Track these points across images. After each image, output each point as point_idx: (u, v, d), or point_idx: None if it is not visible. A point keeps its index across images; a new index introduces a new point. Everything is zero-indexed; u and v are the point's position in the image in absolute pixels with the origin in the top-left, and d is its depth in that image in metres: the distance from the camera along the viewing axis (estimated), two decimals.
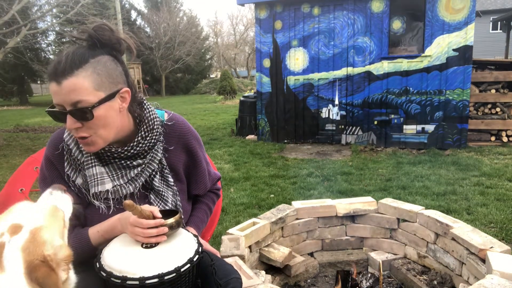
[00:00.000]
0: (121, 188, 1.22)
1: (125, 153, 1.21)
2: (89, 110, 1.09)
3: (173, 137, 1.33)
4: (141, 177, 1.25)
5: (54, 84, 1.07)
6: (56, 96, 1.08)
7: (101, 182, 1.20)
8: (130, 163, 1.23)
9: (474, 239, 1.90)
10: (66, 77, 1.06)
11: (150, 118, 1.26)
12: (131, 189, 1.24)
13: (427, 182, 4.43)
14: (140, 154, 1.24)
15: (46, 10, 12.29)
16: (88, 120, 1.10)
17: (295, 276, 2.32)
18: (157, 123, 1.28)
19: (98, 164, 1.21)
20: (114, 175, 1.22)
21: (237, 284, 1.24)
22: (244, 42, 41.41)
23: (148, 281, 1.02)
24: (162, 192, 1.29)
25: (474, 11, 5.94)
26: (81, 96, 1.07)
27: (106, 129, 1.15)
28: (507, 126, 6.43)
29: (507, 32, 13.59)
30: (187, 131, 1.37)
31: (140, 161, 1.24)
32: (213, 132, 9.03)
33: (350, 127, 6.91)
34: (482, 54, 18.52)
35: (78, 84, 1.07)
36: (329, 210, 2.54)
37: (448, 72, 6.16)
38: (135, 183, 1.25)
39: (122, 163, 1.22)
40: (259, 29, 7.28)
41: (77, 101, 1.07)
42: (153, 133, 1.25)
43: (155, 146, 1.27)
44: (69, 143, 1.23)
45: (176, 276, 1.06)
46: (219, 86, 19.80)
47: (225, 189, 4.48)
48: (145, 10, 30.23)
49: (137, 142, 1.22)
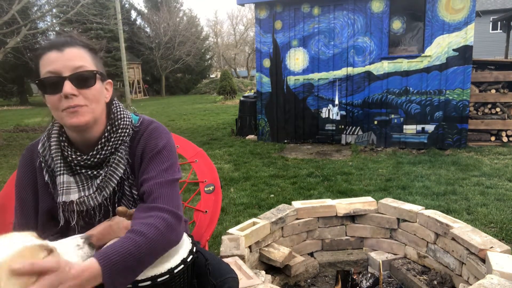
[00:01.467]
0: (88, 199, 1.16)
1: (92, 159, 1.15)
2: (94, 74, 1.09)
3: (137, 139, 1.22)
4: (109, 185, 1.17)
5: (54, 52, 1.06)
6: (55, 62, 1.06)
7: (66, 192, 1.15)
8: (97, 173, 1.16)
9: (474, 239, 1.90)
10: (68, 46, 1.08)
11: (118, 117, 1.20)
12: (99, 199, 1.16)
13: (427, 182, 4.43)
14: (105, 160, 1.17)
15: (46, 10, 12.29)
16: (88, 87, 1.09)
17: (295, 276, 2.32)
18: (125, 122, 1.20)
19: (67, 173, 1.16)
20: (80, 186, 1.17)
21: (234, 283, 1.24)
22: (244, 42, 41.42)
23: (141, 284, 1.02)
24: (132, 205, 1.21)
25: (474, 11, 5.94)
26: (84, 62, 1.09)
27: (98, 105, 1.13)
28: (507, 126, 6.43)
29: (507, 32, 13.59)
30: (151, 130, 1.22)
31: (105, 169, 1.17)
32: (213, 132, 9.04)
33: (350, 127, 6.91)
34: (482, 54, 18.52)
35: (81, 53, 1.09)
36: (329, 210, 2.54)
37: (448, 72, 6.16)
38: (101, 193, 1.17)
39: (89, 173, 1.17)
40: (259, 29, 7.28)
41: (80, 66, 1.07)
42: (118, 134, 1.18)
43: (119, 148, 1.18)
44: (45, 154, 1.20)
45: (169, 278, 1.05)
46: (219, 86, 19.81)
47: (225, 189, 4.48)
48: (145, 10, 30.25)
49: (101, 145, 1.15)
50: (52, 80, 1.06)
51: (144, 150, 1.19)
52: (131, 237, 0.97)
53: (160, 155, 1.18)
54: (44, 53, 1.08)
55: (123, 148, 1.19)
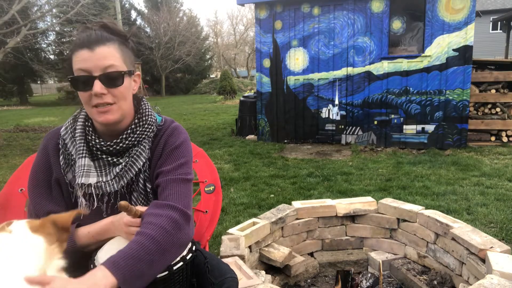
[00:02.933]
0: (105, 184, 1.20)
1: (114, 146, 1.19)
2: (122, 75, 1.15)
3: (159, 137, 1.28)
4: (127, 175, 1.21)
5: (85, 50, 1.11)
6: (86, 61, 1.11)
7: (86, 175, 1.18)
8: (117, 160, 1.21)
9: (474, 239, 1.90)
10: (99, 44, 1.12)
11: (146, 113, 1.27)
12: (115, 186, 1.20)
13: (427, 182, 4.43)
14: (127, 150, 1.22)
15: (46, 10, 12.29)
16: (116, 86, 1.14)
17: (295, 276, 2.32)
18: (151, 119, 1.27)
19: (88, 157, 1.20)
20: (100, 171, 1.21)
21: (233, 283, 1.24)
22: (244, 42, 41.43)
23: None
24: (142, 198, 1.24)
25: (474, 11, 5.94)
26: (113, 62, 1.13)
27: (126, 102, 1.19)
28: (507, 126, 6.43)
29: (507, 32, 13.59)
30: (169, 134, 1.28)
31: (126, 158, 1.22)
32: (213, 132, 9.04)
33: (350, 127, 6.91)
34: (482, 54, 18.51)
35: (111, 52, 1.14)
36: (329, 210, 2.54)
37: (448, 72, 6.16)
38: (119, 181, 1.21)
39: (109, 159, 1.21)
40: (259, 29, 7.28)
41: (109, 65, 1.12)
42: (144, 127, 1.24)
43: (143, 141, 1.24)
44: (65, 138, 1.24)
45: (168, 275, 1.06)
46: (219, 86, 19.81)
47: (225, 189, 4.48)
48: (145, 10, 30.25)
49: (126, 135, 1.20)
50: (83, 78, 1.12)
51: (164, 145, 1.26)
52: (141, 241, 1.01)
53: (177, 150, 1.25)
54: (76, 50, 1.13)
55: (146, 142, 1.24)
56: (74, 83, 1.14)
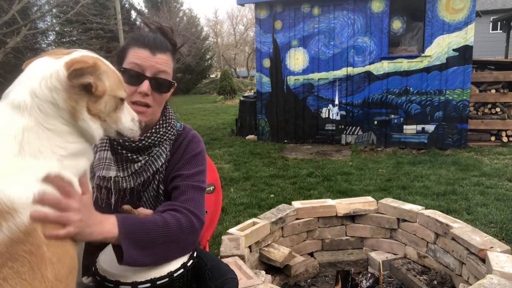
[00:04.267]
0: (122, 180, 1.22)
1: (137, 143, 1.22)
2: (172, 84, 1.24)
3: (178, 142, 1.33)
4: (144, 173, 1.23)
5: (147, 51, 1.18)
6: (144, 60, 1.17)
7: (107, 168, 1.20)
8: (136, 158, 1.23)
9: (474, 239, 1.90)
10: (160, 51, 1.19)
11: (169, 116, 1.33)
12: (131, 183, 1.22)
13: (427, 182, 4.43)
14: (148, 149, 1.25)
15: (46, 10, 12.29)
16: (162, 93, 1.21)
17: (295, 276, 2.32)
18: (174, 122, 1.33)
19: (110, 150, 1.23)
20: (118, 166, 1.23)
21: (233, 284, 1.24)
22: (244, 42, 41.42)
23: (140, 286, 1.02)
24: (151, 199, 1.26)
25: (474, 11, 5.94)
26: (167, 69, 1.21)
27: (160, 108, 1.26)
28: (507, 126, 6.42)
29: (507, 32, 13.58)
30: (193, 135, 1.37)
31: (145, 157, 1.24)
32: (213, 132, 9.03)
33: (350, 127, 6.91)
34: (482, 54, 18.51)
35: (167, 61, 1.22)
36: (329, 210, 2.54)
37: (448, 72, 6.16)
38: (136, 179, 1.23)
39: (128, 156, 1.23)
40: (259, 29, 7.28)
41: (163, 71, 1.20)
42: (167, 129, 1.29)
43: (164, 142, 1.27)
44: None
45: (168, 281, 1.05)
46: (219, 86, 19.82)
47: (225, 189, 4.48)
48: (145, 10, 30.25)
49: (150, 134, 1.24)
50: (136, 74, 1.17)
51: (185, 150, 1.31)
52: (157, 220, 1.07)
53: (197, 157, 1.31)
54: (137, 46, 1.19)
55: (167, 143, 1.29)
56: (124, 74, 1.15)
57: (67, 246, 0.82)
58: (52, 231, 0.78)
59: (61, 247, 0.79)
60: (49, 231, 0.78)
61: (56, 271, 0.76)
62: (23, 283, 0.70)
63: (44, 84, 0.83)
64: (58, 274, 0.76)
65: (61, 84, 0.83)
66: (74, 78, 0.83)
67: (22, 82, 0.85)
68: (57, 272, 0.76)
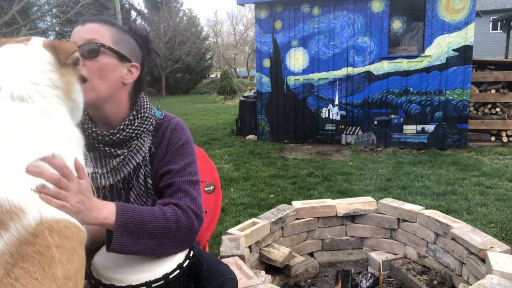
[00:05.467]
0: (100, 177, 1.17)
1: (111, 137, 1.17)
2: (98, 46, 1.10)
3: (160, 132, 1.25)
4: (124, 169, 1.18)
5: (78, 26, 1.15)
6: (74, 35, 1.13)
7: None
8: (114, 151, 1.18)
9: (474, 239, 1.90)
10: (92, 22, 1.15)
11: (144, 106, 1.24)
12: (111, 180, 1.17)
13: (427, 182, 4.43)
14: (125, 142, 1.19)
15: (46, 10, 12.29)
16: (91, 58, 1.10)
17: (295, 276, 2.32)
18: (149, 112, 1.24)
19: (84, 146, 1.19)
20: (96, 163, 1.18)
21: (232, 284, 1.22)
22: (244, 42, 41.42)
23: None
24: (142, 195, 1.22)
25: (474, 11, 5.94)
26: (97, 37, 1.12)
27: (103, 82, 1.13)
28: (507, 126, 6.42)
29: (507, 32, 13.59)
30: (172, 129, 1.26)
31: (124, 151, 1.19)
32: (213, 132, 9.03)
33: (350, 127, 6.91)
34: (482, 54, 18.51)
35: (99, 29, 1.14)
36: (329, 210, 2.54)
37: (448, 72, 6.16)
38: (116, 175, 1.18)
39: (106, 150, 1.18)
40: (259, 29, 7.28)
41: (92, 39, 1.11)
42: (143, 120, 1.21)
43: (142, 135, 1.21)
44: None
45: (164, 284, 1.04)
46: (219, 86, 19.82)
47: (225, 189, 4.48)
48: (145, 10, 30.24)
49: (124, 126, 1.18)
50: None
51: (169, 142, 1.23)
52: (156, 212, 1.06)
53: (183, 148, 1.23)
54: (74, 27, 1.17)
55: (146, 136, 1.21)
56: None
57: (76, 246, 0.83)
58: (47, 196, 0.80)
59: (70, 248, 0.80)
60: (44, 195, 0.79)
61: (66, 270, 0.77)
62: (35, 282, 0.71)
63: (38, 69, 0.86)
64: (68, 273, 0.77)
65: (52, 65, 0.88)
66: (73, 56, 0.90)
67: (5, 73, 0.84)
68: (67, 271, 0.77)
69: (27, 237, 0.72)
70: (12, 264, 0.70)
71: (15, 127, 0.79)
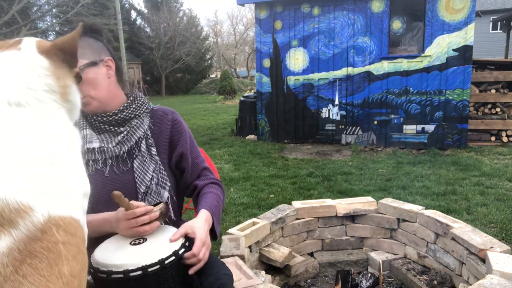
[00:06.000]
0: (107, 149, 1.31)
1: (113, 116, 1.32)
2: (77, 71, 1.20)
3: (158, 116, 1.42)
4: (128, 142, 1.33)
5: None
6: None
7: (89, 141, 1.30)
8: (118, 129, 1.33)
9: (474, 239, 1.90)
10: None
11: (138, 96, 1.41)
12: (116, 151, 1.32)
13: (427, 182, 4.43)
14: (127, 121, 1.35)
15: (46, 10, 12.30)
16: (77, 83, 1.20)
17: (295, 276, 2.32)
18: (144, 100, 1.41)
19: (88, 128, 1.33)
20: (103, 140, 1.33)
21: (227, 279, 1.25)
22: (244, 42, 41.43)
23: (132, 273, 1.04)
24: (145, 161, 1.34)
25: (474, 11, 5.94)
26: None
27: (97, 90, 1.28)
28: (507, 126, 6.42)
29: (507, 32, 13.59)
30: (172, 112, 1.46)
31: (127, 128, 1.34)
32: (213, 132, 9.03)
33: (350, 127, 6.91)
34: (482, 54, 18.52)
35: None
36: (329, 210, 2.54)
37: (448, 72, 6.16)
38: (121, 148, 1.32)
39: (110, 129, 1.33)
40: (259, 29, 7.28)
41: None
42: (139, 105, 1.38)
43: (141, 115, 1.37)
44: None
45: (160, 268, 1.07)
46: (219, 86, 19.81)
47: (225, 189, 4.47)
48: (145, 10, 30.24)
49: (123, 107, 1.34)
50: None
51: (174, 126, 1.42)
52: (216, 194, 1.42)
53: (191, 136, 1.49)
54: None
55: (144, 116, 1.39)
56: None
57: (80, 244, 0.84)
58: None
59: (75, 245, 0.81)
60: None
61: (71, 268, 0.78)
62: (42, 280, 0.72)
63: (33, 75, 0.85)
64: (73, 270, 0.78)
65: (48, 69, 0.87)
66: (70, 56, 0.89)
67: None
68: (72, 269, 0.78)
69: (35, 233, 0.73)
70: (20, 261, 0.70)
71: (15, 128, 0.80)
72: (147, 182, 1.31)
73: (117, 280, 1.05)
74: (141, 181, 1.30)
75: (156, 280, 1.08)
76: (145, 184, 1.30)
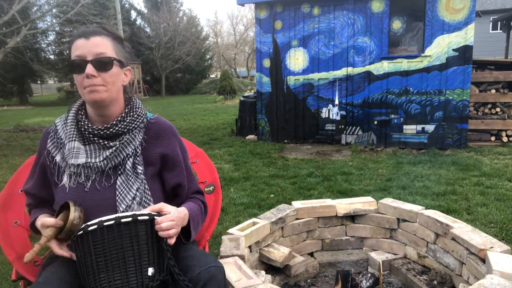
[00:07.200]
0: (93, 165, 1.31)
1: (105, 131, 1.31)
2: (111, 60, 1.29)
3: (152, 130, 1.42)
4: (115, 158, 1.32)
5: (82, 39, 1.28)
6: (81, 48, 1.26)
7: (75, 156, 1.30)
8: (108, 144, 1.32)
9: (474, 239, 1.90)
10: (94, 35, 1.29)
11: (136, 106, 1.41)
12: (103, 166, 1.31)
13: (427, 182, 4.43)
14: (118, 136, 1.34)
15: (46, 10, 12.30)
16: (105, 71, 1.28)
17: (295, 276, 2.32)
18: (141, 112, 1.40)
19: (78, 140, 1.32)
20: (90, 154, 1.32)
21: (217, 272, 1.26)
22: (244, 42, 41.43)
23: (105, 223, 1.15)
24: (130, 179, 1.33)
25: (474, 11, 5.94)
26: (105, 50, 1.29)
27: (113, 87, 1.31)
28: (507, 126, 6.42)
29: (507, 32, 13.59)
30: (169, 129, 1.46)
31: (116, 143, 1.33)
32: (213, 132, 9.03)
33: (350, 127, 6.92)
34: (482, 54, 18.52)
35: (104, 41, 1.30)
36: (329, 210, 2.54)
37: (448, 72, 6.16)
38: (107, 162, 1.32)
39: (100, 142, 1.32)
40: (259, 29, 7.28)
41: (101, 53, 1.27)
42: (134, 118, 1.37)
43: (133, 130, 1.36)
44: (58, 124, 1.39)
45: (132, 221, 1.17)
46: (219, 86, 19.81)
47: (225, 189, 4.48)
48: (145, 10, 30.24)
49: (117, 121, 1.33)
50: (78, 62, 1.26)
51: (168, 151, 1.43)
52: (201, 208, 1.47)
53: (187, 157, 1.52)
54: (75, 40, 1.29)
55: (137, 132, 1.37)
56: (71, 68, 1.28)
57: None
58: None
59: None
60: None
61: None
62: None
63: None
64: None
65: None
66: None
67: None
68: None
69: None
70: None
71: None
72: (128, 201, 1.30)
73: (92, 231, 1.13)
74: (122, 199, 1.29)
75: (129, 234, 1.15)
76: (126, 203, 1.29)
